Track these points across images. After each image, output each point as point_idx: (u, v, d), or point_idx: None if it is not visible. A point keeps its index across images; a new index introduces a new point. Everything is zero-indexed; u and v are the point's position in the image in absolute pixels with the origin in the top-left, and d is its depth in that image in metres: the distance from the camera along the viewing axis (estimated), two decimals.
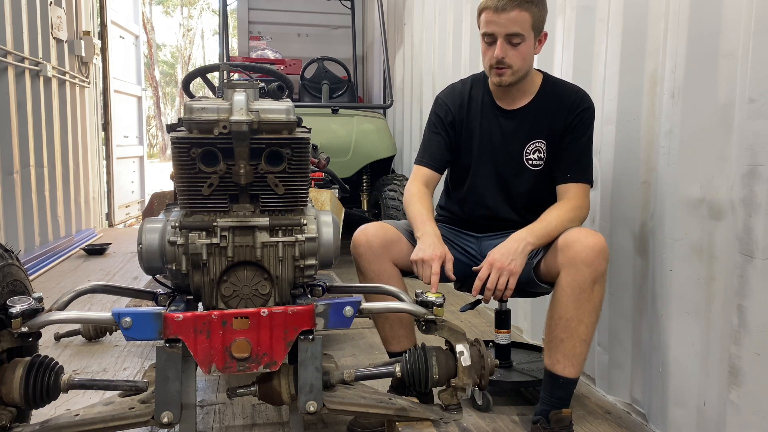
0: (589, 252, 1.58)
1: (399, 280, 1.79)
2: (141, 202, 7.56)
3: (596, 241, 1.61)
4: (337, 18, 6.07)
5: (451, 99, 1.98)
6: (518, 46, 1.73)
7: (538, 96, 1.87)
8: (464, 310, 1.94)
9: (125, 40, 7.21)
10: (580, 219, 1.79)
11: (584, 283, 1.59)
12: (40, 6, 4.50)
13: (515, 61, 1.75)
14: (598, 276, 1.59)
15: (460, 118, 1.94)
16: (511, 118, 1.88)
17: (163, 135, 26.92)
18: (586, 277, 1.59)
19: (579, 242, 1.61)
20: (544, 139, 1.85)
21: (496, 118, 1.90)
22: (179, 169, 1.33)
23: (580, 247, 1.60)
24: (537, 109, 1.86)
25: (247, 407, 1.96)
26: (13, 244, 1.66)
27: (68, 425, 1.30)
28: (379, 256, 1.77)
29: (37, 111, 4.42)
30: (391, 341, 1.83)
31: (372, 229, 1.80)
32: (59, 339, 2.57)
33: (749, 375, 1.43)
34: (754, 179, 1.41)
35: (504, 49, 1.73)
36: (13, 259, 1.45)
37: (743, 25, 1.45)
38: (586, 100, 1.84)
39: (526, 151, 1.87)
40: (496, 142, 1.90)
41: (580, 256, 1.59)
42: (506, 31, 1.71)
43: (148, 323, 1.32)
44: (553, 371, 1.66)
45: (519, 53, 1.74)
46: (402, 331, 1.81)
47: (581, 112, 1.82)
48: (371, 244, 1.76)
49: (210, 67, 1.95)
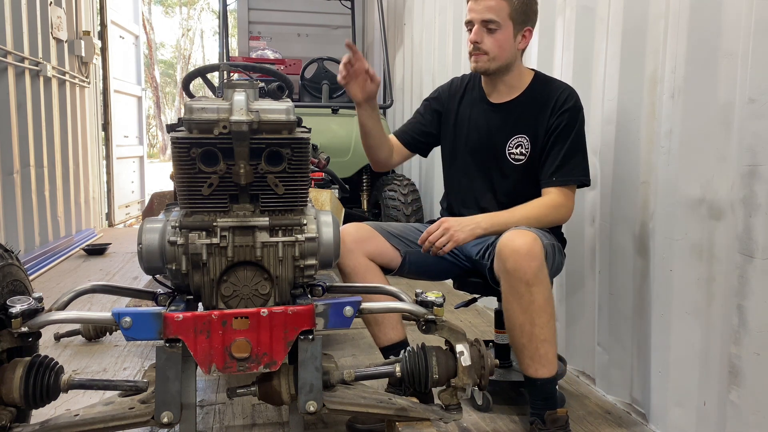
0: (516, 257, 1.58)
1: (377, 274, 1.83)
2: (141, 202, 7.56)
3: (522, 242, 1.60)
4: (337, 18, 6.06)
5: (447, 88, 2.08)
6: (494, 33, 1.80)
7: (525, 92, 1.89)
8: (458, 306, 2.00)
9: (125, 40, 7.21)
10: (553, 218, 1.80)
11: (519, 288, 1.60)
12: (40, 6, 4.50)
13: (491, 48, 1.81)
14: (531, 278, 1.58)
15: (449, 107, 2.02)
16: (497, 112, 1.92)
17: (163, 135, 26.92)
18: (518, 281, 1.59)
19: (506, 247, 1.61)
20: (527, 134, 1.87)
21: (484, 111, 1.95)
22: (179, 169, 1.33)
23: (508, 252, 1.60)
24: (523, 105, 1.88)
25: (247, 407, 1.96)
26: (13, 244, 1.66)
27: (68, 425, 1.30)
28: (352, 251, 1.81)
29: (37, 111, 4.42)
30: (379, 336, 1.85)
31: (347, 228, 1.87)
32: (59, 339, 2.57)
33: (749, 375, 1.43)
34: (754, 179, 1.41)
35: (479, 34, 1.81)
36: (13, 259, 1.45)
37: (743, 25, 1.45)
38: (572, 99, 1.83)
39: (509, 145, 1.89)
40: (482, 135, 1.94)
41: (508, 263, 1.60)
42: (481, 17, 1.79)
43: (148, 323, 1.31)
44: (527, 375, 1.67)
45: (495, 40, 1.80)
46: (386, 323, 1.83)
47: (564, 113, 1.82)
48: (344, 242, 1.80)
49: (210, 67, 1.95)
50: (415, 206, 3.87)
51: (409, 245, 1.90)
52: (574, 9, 2.22)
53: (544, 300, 1.61)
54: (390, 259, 1.88)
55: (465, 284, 1.96)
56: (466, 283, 1.95)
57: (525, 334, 1.63)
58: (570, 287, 2.32)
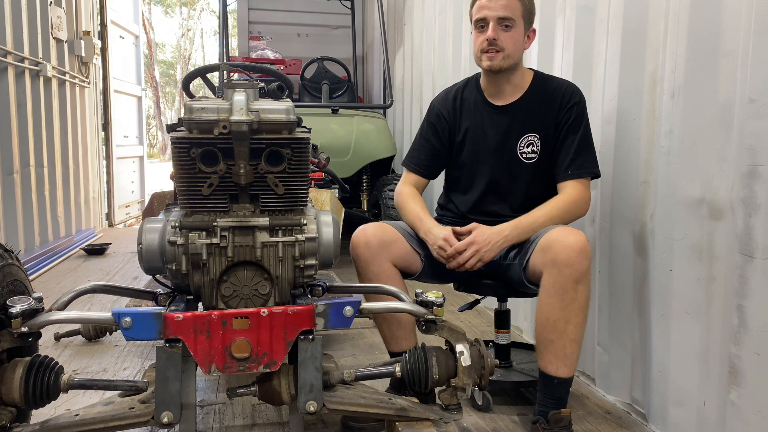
0: (569, 252, 1.58)
1: (399, 281, 1.79)
2: (141, 202, 7.56)
3: (576, 239, 1.60)
4: (337, 18, 6.07)
5: (443, 104, 2.03)
6: (509, 30, 1.80)
7: (529, 91, 1.90)
8: (463, 309, 1.98)
9: (125, 40, 7.21)
10: (575, 213, 1.80)
11: (566, 284, 1.59)
12: (40, 6, 4.50)
13: (507, 45, 1.81)
14: (580, 275, 1.59)
15: (453, 121, 2.00)
16: (503, 114, 1.91)
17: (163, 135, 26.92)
18: (568, 277, 1.58)
19: (559, 242, 1.61)
20: (536, 132, 1.87)
21: (488, 114, 1.94)
22: (179, 169, 1.33)
23: (560, 247, 1.60)
24: (528, 104, 1.89)
25: (247, 407, 1.96)
26: (13, 244, 1.66)
27: (68, 425, 1.30)
28: (377, 256, 1.77)
29: (37, 111, 4.42)
30: (390, 342, 1.84)
31: (371, 229, 1.81)
32: (59, 339, 2.57)
33: (749, 375, 1.43)
34: (754, 179, 1.41)
35: (496, 31, 1.80)
36: (13, 259, 1.45)
37: (743, 25, 1.45)
38: (577, 94, 1.86)
39: (519, 145, 1.89)
40: (490, 139, 1.92)
41: (561, 257, 1.59)
42: (498, 14, 1.79)
43: (148, 323, 1.31)
44: (546, 372, 1.66)
45: (511, 37, 1.81)
46: (401, 332, 1.81)
47: (572, 107, 1.84)
48: (370, 245, 1.77)
49: (210, 67, 1.95)
50: None
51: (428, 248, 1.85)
52: (574, 9, 2.22)
53: (585, 300, 1.61)
54: (410, 263, 1.84)
55: (471, 285, 1.95)
56: (474, 284, 1.93)
57: (557, 330, 1.61)
58: None
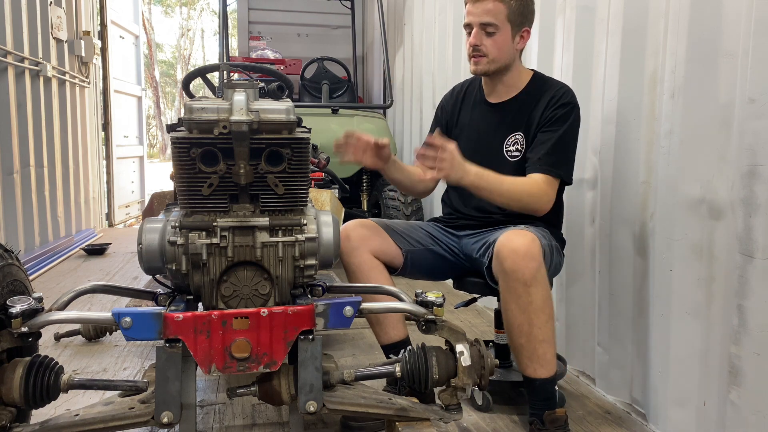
0: (514, 257, 1.58)
1: (382, 271, 1.83)
2: (141, 202, 7.56)
3: (521, 243, 1.59)
4: (337, 18, 6.06)
5: (448, 98, 2.11)
6: (493, 36, 1.81)
7: (523, 91, 1.91)
8: (458, 306, 2.00)
9: (125, 40, 7.21)
10: (534, 205, 1.75)
11: (517, 288, 1.59)
12: (40, 6, 4.50)
13: (490, 50, 1.83)
14: (529, 278, 1.58)
15: (452, 115, 2.05)
16: (496, 111, 1.94)
17: (163, 135, 26.91)
18: (517, 282, 1.59)
19: (504, 247, 1.61)
20: (522, 131, 1.87)
21: (483, 111, 1.97)
22: (179, 169, 1.33)
23: (506, 252, 1.60)
24: (520, 103, 1.89)
25: (247, 407, 1.96)
26: (13, 244, 1.66)
27: (68, 425, 1.30)
28: (357, 248, 1.81)
29: (37, 111, 4.42)
30: (380, 335, 1.87)
31: (351, 224, 1.87)
32: (59, 339, 2.57)
33: (749, 375, 1.43)
34: (754, 179, 1.41)
35: (479, 37, 1.82)
36: (13, 259, 1.45)
37: (743, 25, 1.45)
38: (568, 96, 1.83)
39: (506, 143, 1.90)
40: (482, 135, 1.95)
41: (507, 263, 1.59)
42: (479, 20, 1.81)
43: (148, 323, 1.31)
44: (526, 375, 1.67)
45: (494, 42, 1.82)
46: (387, 321, 1.84)
47: (559, 107, 1.81)
48: (350, 238, 1.81)
49: (210, 67, 1.95)
50: (415, 206, 3.87)
51: (411, 244, 1.90)
52: (574, 9, 2.22)
53: (542, 300, 1.61)
54: (393, 257, 1.88)
55: (465, 284, 1.97)
56: (466, 282, 1.96)
57: (523, 334, 1.63)
58: (570, 287, 2.32)
